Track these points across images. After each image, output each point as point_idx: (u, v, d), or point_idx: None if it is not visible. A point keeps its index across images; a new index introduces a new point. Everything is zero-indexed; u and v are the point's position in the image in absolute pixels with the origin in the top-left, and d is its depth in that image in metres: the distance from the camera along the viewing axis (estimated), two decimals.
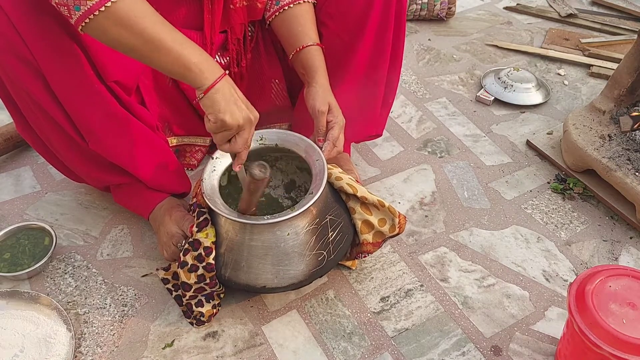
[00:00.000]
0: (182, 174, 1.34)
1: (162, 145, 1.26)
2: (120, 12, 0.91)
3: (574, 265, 1.31)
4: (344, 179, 1.18)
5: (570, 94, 1.84)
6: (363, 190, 1.18)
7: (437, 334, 1.18)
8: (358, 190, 1.18)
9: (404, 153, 1.61)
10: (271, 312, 1.22)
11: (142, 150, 1.21)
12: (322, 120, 1.16)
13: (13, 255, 1.29)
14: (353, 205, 1.19)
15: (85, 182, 1.34)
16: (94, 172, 1.24)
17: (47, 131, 1.16)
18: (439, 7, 2.13)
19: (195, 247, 1.12)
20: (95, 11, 0.90)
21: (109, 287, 1.26)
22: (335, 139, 1.16)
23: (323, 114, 1.16)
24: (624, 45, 2.01)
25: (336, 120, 1.17)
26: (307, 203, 1.06)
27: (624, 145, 1.43)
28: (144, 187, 1.28)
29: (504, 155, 1.61)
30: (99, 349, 1.15)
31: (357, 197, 1.18)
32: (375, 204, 1.19)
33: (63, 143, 1.17)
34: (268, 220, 1.05)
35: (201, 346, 1.16)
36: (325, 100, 1.16)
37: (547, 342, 1.16)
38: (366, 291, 1.26)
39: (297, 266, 1.11)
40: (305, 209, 1.06)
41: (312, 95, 1.17)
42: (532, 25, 2.19)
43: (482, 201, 1.47)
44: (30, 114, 1.14)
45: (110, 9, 0.90)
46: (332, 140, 1.16)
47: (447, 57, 2.00)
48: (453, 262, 1.32)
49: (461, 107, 1.78)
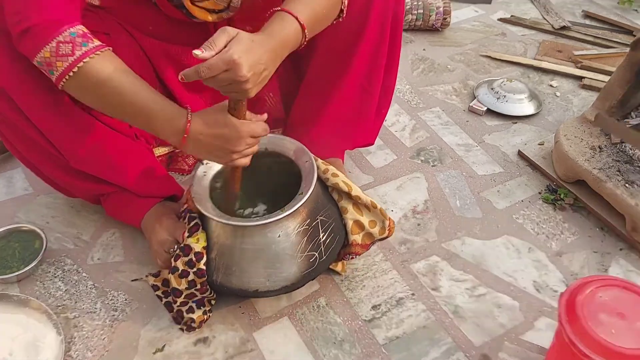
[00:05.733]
0: (167, 177, 1.35)
1: (143, 152, 1.28)
2: (88, 75, 0.95)
3: (564, 276, 1.32)
4: (340, 176, 1.19)
5: (562, 105, 1.86)
6: (357, 189, 1.19)
7: (427, 343, 1.18)
8: (353, 188, 1.18)
9: (397, 161, 1.62)
10: (262, 319, 1.21)
11: (123, 160, 1.22)
12: (220, 36, 0.92)
13: (2, 258, 1.28)
14: (345, 205, 1.19)
15: (77, 196, 1.35)
16: (80, 184, 1.25)
17: (26, 150, 1.18)
18: (434, 18, 2.15)
19: (186, 252, 1.12)
20: (66, 75, 0.95)
21: (100, 291, 1.26)
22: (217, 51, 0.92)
23: (223, 33, 0.93)
24: (615, 58, 2.03)
25: (231, 54, 0.90)
26: (296, 204, 1.06)
27: (615, 156, 1.44)
28: (132, 195, 1.29)
29: (496, 165, 1.62)
30: (89, 353, 1.14)
31: (350, 197, 1.19)
32: (367, 204, 1.20)
33: (45, 160, 1.19)
34: (258, 221, 1.05)
35: (192, 351, 1.15)
36: (245, 48, 0.93)
37: (535, 352, 1.17)
38: (357, 299, 1.26)
39: (289, 268, 1.12)
40: (295, 210, 1.06)
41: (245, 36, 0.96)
42: (526, 36, 2.21)
43: (474, 210, 1.48)
44: (8, 133, 1.15)
45: (79, 72, 0.95)
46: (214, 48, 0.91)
47: (441, 67, 2.01)
48: (444, 271, 1.32)
49: (454, 116, 1.79)
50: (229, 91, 0.95)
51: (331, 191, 1.21)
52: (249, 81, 0.91)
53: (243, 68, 0.89)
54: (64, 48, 0.94)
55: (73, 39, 0.94)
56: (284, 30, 0.99)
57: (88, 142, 1.15)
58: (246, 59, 0.90)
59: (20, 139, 1.14)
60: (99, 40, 0.98)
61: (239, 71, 0.89)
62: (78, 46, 0.94)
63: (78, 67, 0.94)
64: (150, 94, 1.00)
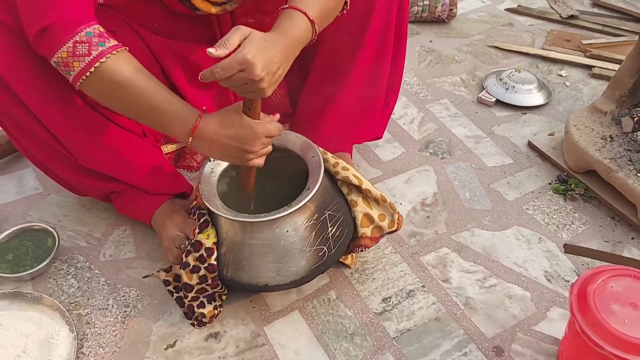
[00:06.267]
0: (176, 174, 1.35)
1: (151, 150, 1.28)
2: (105, 75, 0.96)
3: (576, 266, 1.31)
4: (350, 170, 1.19)
5: (572, 95, 1.84)
6: (367, 183, 1.20)
7: (439, 335, 1.18)
8: (363, 182, 1.19)
9: (406, 154, 1.61)
10: (273, 313, 1.22)
11: (132, 157, 1.23)
12: (234, 35, 0.91)
13: (16, 257, 1.30)
14: (355, 198, 1.20)
15: (87, 195, 1.36)
16: (90, 182, 1.26)
17: (35, 149, 1.18)
18: (440, 9, 2.13)
19: (196, 248, 1.12)
20: (82, 75, 0.95)
21: (112, 288, 1.27)
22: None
23: (237, 32, 0.92)
24: (625, 47, 2.01)
25: (245, 54, 0.90)
26: (304, 199, 1.07)
27: (626, 146, 1.43)
28: (142, 192, 1.29)
29: (506, 157, 1.61)
30: (101, 349, 1.15)
31: (360, 190, 1.19)
32: (377, 198, 1.21)
33: (54, 159, 1.20)
34: (266, 217, 1.06)
35: (203, 347, 1.16)
36: (258, 47, 0.93)
37: (549, 342, 1.16)
38: (368, 292, 1.26)
39: (298, 262, 1.12)
40: (302, 205, 1.06)
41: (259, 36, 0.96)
42: (533, 26, 2.19)
43: (484, 202, 1.47)
44: (16, 133, 1.16)
45: (96, 72, 0.95)
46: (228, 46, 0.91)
47: (448, 58, 2.00)
48: (455, 263, 1.32)
49: (463, 108, 1.78)
50: (245, 91, 0.95)
51: (340, 185, 1.21)
52: (263, 80, 0.92)
53: (257, 67, 0.90)
54: (81, 48, 0.94)
55: (89, 38, 0.95)
56: (294, 27, 0.99)
57: (96, 140, 1.15)
58: (260, 59, 0.90)
59: (29, 138, 1.15)
60: (115, 40, 0.98)
61: (253, 70, 0.90)
62: (94, 46, 0.95)
63: (95, 67, 0.95)
64: (165, 94, 1.01)
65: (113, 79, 0.96)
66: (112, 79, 0.96)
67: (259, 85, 0.92)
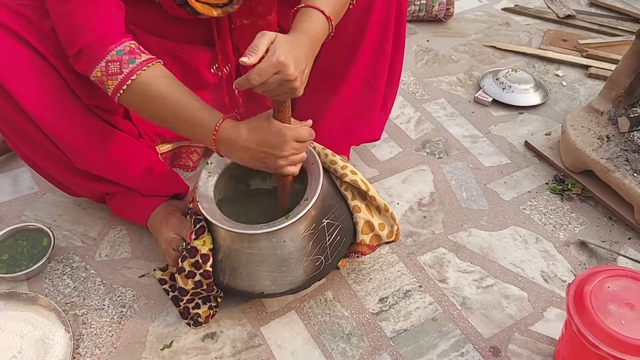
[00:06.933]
0: (171, 175, 1.35)
1: (147, 151, 1.28)
2: (138, 90, 1.00)
3: (573, 266, 1.31)
4: (359, 174, 1.19)
5: (569, 94, 1.84)
6: (374, 190, 1.19)
7: (436, 335, 1.18)
8: (370, 189, 1.18)
9: (403, 154, 1.61)
10: (270, 313, 1.21)
11: (127, 159, 1.23)
12: (262, 41, 0.92)
13: (11, 257, 1.29)
14: (359, 204, 1.19)
15: (82, 196, 1.36)
16: (85, 184, 1.25)
17: (30, 150, 1.18)
18: (437, 8, 2.13)
19: (192, 254, 1.12)
20: (117, 92, 1.00)
21: (108, 288, 1.26)
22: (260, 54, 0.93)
23: (264, 37, 0.93)
24: (621, 47, 2.01)
25: (276, 59, 0.91)
26: (301, 211, 1.05)
27: (622, 146, 1.43)
28: (137, 194, 1.29)
29: (503, 156, 1.61)
30: (97, 350, 1.15)
31: (364, 197, 1.19)
32: (380, 206, 1.20)
33: (49, 161, 1.19)
34: (262, 229, 1.05)
35: (200, 347, 1.16)
36: (287, 49, 0.94)
37: (545, 342, 1.17)
38: (365, 292, 1.26)
39: (294, 272, 1.11)
40: (300, 217, 1.05)
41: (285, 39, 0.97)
42: (530, 26, 2.19)
43: (481, 202, 1.47)
44: (11, 134, 1.15)
45: (129, 89, 0.99)
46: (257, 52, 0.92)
47: (445, 58, 2.00)
48: (452, 263, 1.32)
49: (459, 108, 1.78)
50: (278, 94, 0.96)
51: (345, 189, 1.20)
52: (297, 79, 0.93)
53: (291, 68, 0.91)
54: (113, 67, 0.98)
55: (120, 57, 0.98)
56: (313, 25, 1.01)
57: (92, 143, 1.15)
58: (291, 59, 0.92)
59: (24, 139, 1.14)
60: (147, 54, 1.01)
61: (288, 71, 0.91)
62: (125, 64, 0.98)
63: (127, 85, 0.98)
64: (196, 103, 1.03)
65: (147, 92, 1.00)
66: (147, 93, 1.00)
67: (293, 85, 0.94)
